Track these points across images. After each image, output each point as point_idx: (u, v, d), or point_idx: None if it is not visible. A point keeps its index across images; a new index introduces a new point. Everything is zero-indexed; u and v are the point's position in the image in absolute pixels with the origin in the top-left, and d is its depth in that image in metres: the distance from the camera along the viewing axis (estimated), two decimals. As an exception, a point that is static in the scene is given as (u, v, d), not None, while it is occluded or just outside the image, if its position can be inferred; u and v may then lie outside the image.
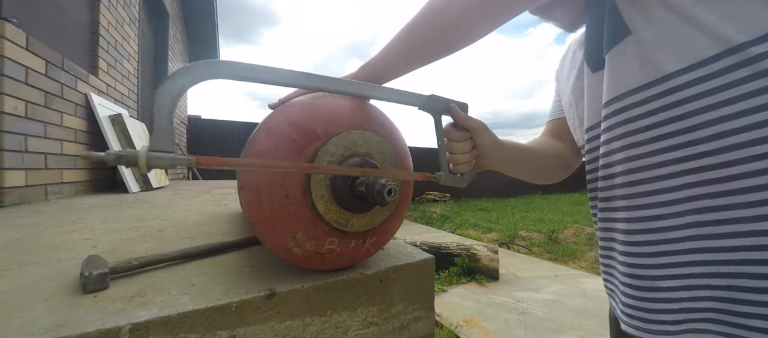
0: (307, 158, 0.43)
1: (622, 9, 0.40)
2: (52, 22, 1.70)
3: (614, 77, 0.42)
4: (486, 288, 2.76)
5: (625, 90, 0.41)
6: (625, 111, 0.42)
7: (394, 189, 0.40)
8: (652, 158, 0.40)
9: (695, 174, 0.37)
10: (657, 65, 0.38)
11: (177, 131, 4.47)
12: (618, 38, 0.41)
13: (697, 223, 0.37)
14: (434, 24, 0.44)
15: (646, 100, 0.39)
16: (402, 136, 0.54)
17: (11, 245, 0.67)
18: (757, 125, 0.33)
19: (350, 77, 0.51)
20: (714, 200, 0.36)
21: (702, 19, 0.34)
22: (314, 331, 0.45)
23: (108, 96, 2.22)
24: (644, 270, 0.41)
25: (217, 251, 0.58)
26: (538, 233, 4.96)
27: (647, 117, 0.40)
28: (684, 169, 0.37)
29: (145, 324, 0.35)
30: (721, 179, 0.35)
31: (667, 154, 0.38)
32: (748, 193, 0.34)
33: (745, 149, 0.33)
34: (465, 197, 9.33)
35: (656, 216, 0.40)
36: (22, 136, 1.35)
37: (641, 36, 0.39)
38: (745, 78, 0.33)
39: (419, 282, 0.55)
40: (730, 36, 0.33)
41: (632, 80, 0.40)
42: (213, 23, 5.33)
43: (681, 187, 0.38)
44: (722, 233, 0.35)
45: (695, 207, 0.37)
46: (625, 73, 0.41)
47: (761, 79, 0.32)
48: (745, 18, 0.33)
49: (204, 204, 1.36)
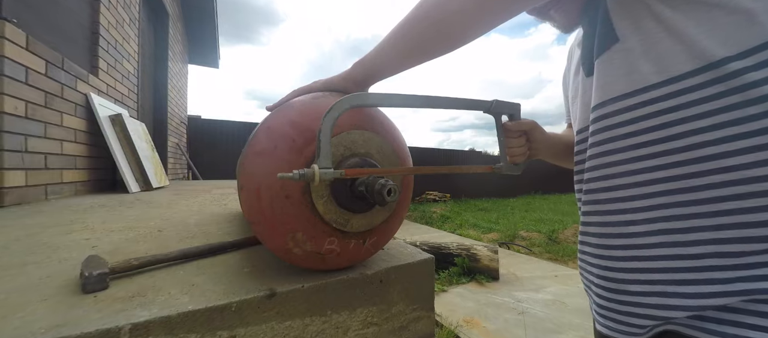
0: (307, 158, 0.43)
1: (614, 17, 0.41)
2: (52, 22, 1.70)
3: (601, 84, 0.44)
4: (486, 288, 2.76)
5: (609, 97, 0.42)
6: (607, 117, 0.43)
7: (394, 189, 0.40)
8: (629, 165, 0.41)
9: (666, 183, 0.38)
10: (641, 75, 0.39)
11: (177, 131, 4.47)
12: (607, 45, 0.42)
13: (666, 230, 0.38)
14: (430, 23, 0.44)
15: (627, 109, 0.41)
16: (401, 135, 0.54)
17: (11, 245, 0.67)
18: (726, 139, 0.34)
19: (344, 75, 0.52)
20: (682, 208, 0.37)
21: (686, 33, 0.35)
22: (314, 331, 0.45)
23: (108, 96, 2.22)
24: (615, 273, 0.43)
25: (217, 251, 0.58)
26: (538, 233, 4.96)
27: (627, 125, 0.41)
28: (657, 177, 0.39)
29: (145, 324, 0.35)
30: (689, 189, 0.36)
31: (643, 162, 0.40)
32: (711, 203, 0.35)
33: (713, 161, 0.35)
34: (465, 197, 9.33)
35: (629, 221, 0.41)
36: (22, 136, 1.35)
37: (629, 44, 0.40)
38: (720, 93, 0.34)
39: (419, 282, 0.55)
40: (710, 51, 0.34)
41: (617, 88, 0.41)
42: (213, 23, 5.33)
43: (653, 195, 0.39)
44: (689, 240, 0.37)
45: (665, 214, 0.38)
46: (610, 80, 0.42)
47: (734, 95, 0.34)
48: (726, 34, 0.34)
49: (204, 204, 1.36)
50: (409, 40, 0.46)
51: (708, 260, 0.36)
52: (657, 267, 0.39)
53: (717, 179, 0.35)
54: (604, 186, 0.44)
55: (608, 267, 0.44)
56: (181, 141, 4.67)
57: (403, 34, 0.47)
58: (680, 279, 0.37)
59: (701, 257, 0.36)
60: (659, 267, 0.39)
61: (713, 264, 0.35)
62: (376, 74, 0.50)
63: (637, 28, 0.39)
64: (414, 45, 0.46)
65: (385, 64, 0.49)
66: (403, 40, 0.47)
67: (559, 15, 0.53)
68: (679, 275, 0.37)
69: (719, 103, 0.34)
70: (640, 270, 0.40)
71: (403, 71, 0.50)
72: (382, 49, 0.48)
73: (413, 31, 0.46)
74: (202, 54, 6.00)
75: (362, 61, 0.51)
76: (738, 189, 0.34)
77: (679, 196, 0.37)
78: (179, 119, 4.64)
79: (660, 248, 0.39)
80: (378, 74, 0.50)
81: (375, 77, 0.51)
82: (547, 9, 0.53)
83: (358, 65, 0.51)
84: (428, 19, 0.44)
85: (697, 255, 0.36)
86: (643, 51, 0.39)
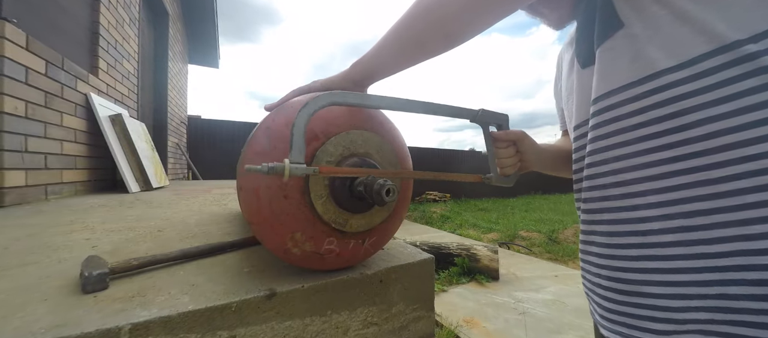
0: (307, 159, 0.43)
1: (617, 1, 0.40)
2: (52, 22, 1.70)
3: (604, 73, 0.42)
4: (486, 288, 2.76)
5: (615, 86, 0.40)
6: (613, 108, 0.41)
7: (393, 190, 0.40)
8: (641, 158, 0.38)
9: (685, 175, 0.35)
10: (649, 61, 0.37)
11: (177, 131, 4.47)
12: (609, 32, 0.40)
13: (685, 227, 0.36)
14: (428, 21, 0.44)
15: (636, 97, 0.38)
16: (401, 135, 0.54)
17: (11, 245, 0.68)
18: (749, 125, 0.32)
19: (343, 74, 0.51)
20: (703, 203, 0.34)
21: (695, 16, 0.34)
22: (314, 331, 0.45)
23: (108, 96, 2.22)
24: (628, 273, 0.40)
25: (217, 251, 0.58)
26: (538, 233, 4.96)
27: (637, 115, 0.38)
28: (674, 169, 0.36)
29: (145, 324, 0.35)
30: (710, 181, 0.34)
31: (657, 154, 0.37)
32: (737, 195, 0.32)
33: (736, 150, 0.32)
34: (465, 197, 9.33)
35: (643, 218, 0.38)
36: (22, 136, 1.35)
37: (633, 30, 0.38)
38: (738, 76, 0.32)
39: (419, 282, 0.55)
40: (723, 33, 0.33)
41: (622, 76, 0.39)
42: (213, 23, 5.33)
43: (669, 189, 0.36)
44: (711, 238, 0.34)
45: (683, 210, 0.36)
46: (615, 69, 0.40)
47: (754, 77, 0.32)
48: (738, 15, 0.33)
49: (204, 204, 1.36)
50: (407, 39, 0.46)
51: (734, 259, 0.33)
52: (676, 267, 0.36)
53: (741, 169, 0.32)
54: (614, 181, 0.41)
55: (620, 267, 0.40)
56: (181, 141, 4.67)
57: (401, 33, 0.46)
58: (702, 280, 0.35)
59: (727, 256, 0.33)
60: (678, 268, 0.36)
61: (741, 264, 0.33)
62: (375, 73, 0.50)
63: (642, 13, 0.37)
64: (412, 43, 0.46)
65: (383, 63, 0.49)
66: (401, 39, 0.46)
67: (548, 9, 0.52)
68: (701, 275, 0.35)
69: (738, 87, 0.32)
70: (656, 271, 0.37)
71: (402, 70, 0.50)
72: (380, 49, 0.48)
73: (411, 30, 0.45)
74: (202, 54, 5.99)
75: (361, 60, 0.50)
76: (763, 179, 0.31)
77: (699, 189, 0.34)
78: (179, 119, 4.64)
79: (678, 247, 0.36)
80: (376, 73, 0.50)
81: (373, 77, 0.51)
82: (536, 5, 0.52)
83: (356, 65, 0.50)
84: (426, 16, 0.44)
85: (721, 253, 0.33)
86: (650, 36, 0.37)
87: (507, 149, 0.56)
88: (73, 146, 1.73)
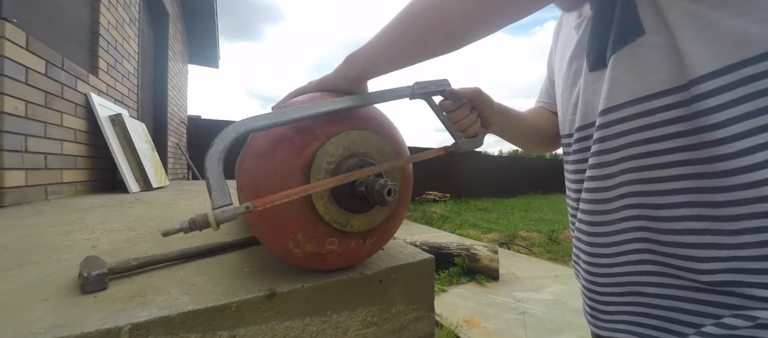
0: (306, 159, 0.43)
1: (640, 5, 0.36)
2: (52, 22, 1.70)
3: (618, 83, 0.39)
4: (486, 288, 2.76)
5: (630, 98, 0.38)
6: (628, 120, 0.39)
7: (394, 190, 0.40)
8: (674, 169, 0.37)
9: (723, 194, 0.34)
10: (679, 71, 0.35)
11: (177, 131, 4.47)
12: (628, 39, 0.38)
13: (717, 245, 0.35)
14: (430, 22, 0.41)
15: (654, 111, 0.37)
16: (401, 135, 0.54)
17: (11, 245, 0.67)
18: None
19: (336, 72, 0.48)
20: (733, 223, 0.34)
21: (725, 25, 0.32)
22: (314, 331, 0.45)
23: (108, 96, 2.22)
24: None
25: (217, 251, 0.58)
26: (538, 233, 4.96)
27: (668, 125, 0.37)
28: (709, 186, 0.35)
29: (145, 324, 0.35)
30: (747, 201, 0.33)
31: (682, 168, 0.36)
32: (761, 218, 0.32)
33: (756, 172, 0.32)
34: (465, 197, 9.33)
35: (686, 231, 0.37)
36: (22, 136, 1.35)
37: (655, 39, 0.36)
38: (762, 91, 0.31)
39: (419, 282, 0.55)
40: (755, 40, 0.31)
41: (640, 88, 0.37)
42: (213, 23, 5.33)
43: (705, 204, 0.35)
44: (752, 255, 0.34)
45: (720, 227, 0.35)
46: (632, 79, 0.38)
47: None
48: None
49: (204, 204, 1.36)
50: (408, 39, 0.42)
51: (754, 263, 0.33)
52: None
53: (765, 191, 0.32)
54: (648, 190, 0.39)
55: None
56: (181, 141, 4.67)
57: (401, 31, 0.42)
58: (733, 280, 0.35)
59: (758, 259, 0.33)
60: None
61: None
62: (371, 72, 0.46)
63: (668, 20, 0.35)
64: (413, 43, 0.42)
65: (381, 61, 0.45)
66: (400, 38, 0.43)
67: None
68: None
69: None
70: None
71: (400, 69, 0.46)
72: (377, 45, 0.44)
73: (412, 29, 0.42)
74: (202, 54, 5.99)
75: (355, 56, 0.46)
76: None
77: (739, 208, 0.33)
78: (179, 119, 4.64)
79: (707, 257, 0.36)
80: (373, 72, 0.46)
81: (369, 75, 0.47)
82: None
83: (350, 61, 0.46)
84: (428, 16, 0.40)
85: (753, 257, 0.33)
86: (674, 46, 0.35)
87: (461, 110, 0.53)
88: (73, 146, 1.73)
